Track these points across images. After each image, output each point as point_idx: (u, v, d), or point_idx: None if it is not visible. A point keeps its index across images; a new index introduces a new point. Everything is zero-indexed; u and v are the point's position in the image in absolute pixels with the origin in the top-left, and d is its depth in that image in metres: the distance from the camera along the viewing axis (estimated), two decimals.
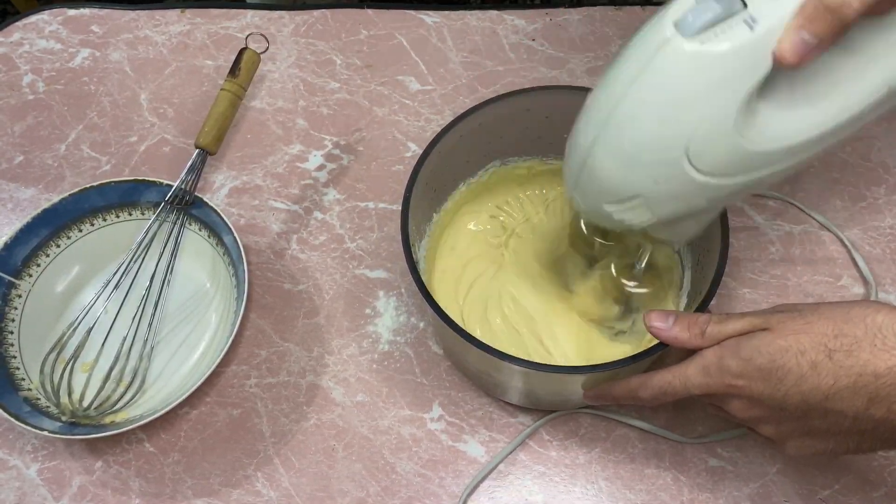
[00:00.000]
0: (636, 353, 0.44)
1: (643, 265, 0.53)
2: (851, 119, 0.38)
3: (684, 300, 0.53)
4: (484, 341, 0.44)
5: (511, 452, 0.54)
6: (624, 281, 0.55)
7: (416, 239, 0.52)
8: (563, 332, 0.55)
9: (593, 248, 0.55)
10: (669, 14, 0.35)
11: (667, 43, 0.35)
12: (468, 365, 0.53)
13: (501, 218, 0.60)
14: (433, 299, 0.46)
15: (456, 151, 0.54)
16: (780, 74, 0.35)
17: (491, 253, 0.59)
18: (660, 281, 0.55)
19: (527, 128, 0.56)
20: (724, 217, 0.47)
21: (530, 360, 0.44)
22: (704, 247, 0.50)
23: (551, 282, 0.57)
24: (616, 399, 0.47)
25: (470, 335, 0.44)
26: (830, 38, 0.34)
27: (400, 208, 0.64)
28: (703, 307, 0.45)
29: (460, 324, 0.47)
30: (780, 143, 0.37)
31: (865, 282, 0.59)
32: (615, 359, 0.44)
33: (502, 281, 0.57)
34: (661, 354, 0.45)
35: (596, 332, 0.55)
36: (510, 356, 0.44)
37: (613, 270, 0.55)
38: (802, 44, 0.33)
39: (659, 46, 0.35)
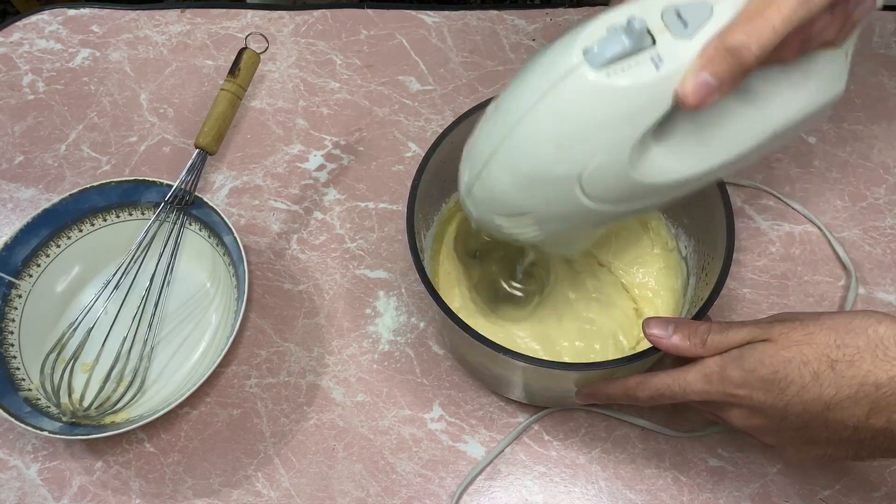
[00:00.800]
0: (638, 352, 0.44)
1: (522, 270, 0.54)
2: (737, 159, 0.39)
3: (687, 306, 0.53)
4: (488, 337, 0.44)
5: (507, 447, 0.54)
6: (502, 281, 0.56)
7: (421, 229, 0.52)
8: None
9: (476, 241, 0.57)
10: (580, 40, 0.35)
11: (573, 70, 0.35)
12: (473, 361, 0.53)
13: None
14: (437, 292, 0.46)
15: (460, 151, 0.54)
16: (677, 113, 0.36)
17: (495, 248, 0.59)
18: (534, 285, 0.56)
19: None
20: (730, 229, 0.47)
21: (534, 356, 0.44)
22: (709, 254, 0.50)
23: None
24: (611, 398, 0.47)
25: (475, 331, 0.44)
26: (731, 81, 0.34)
27: (401, 208, 0.64)
28: (703, 311, 0.45)
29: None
30: (670, 177, 0.38)
31: (847, 272, 0.59)
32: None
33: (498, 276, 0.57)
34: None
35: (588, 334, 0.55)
36: (512, 351, 0.44)
37: (493, 265, 0.56)
38: (705, 85, 0.34)
39: (565, 72, 0.35)
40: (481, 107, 0.52)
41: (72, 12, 0.76)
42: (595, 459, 0.54)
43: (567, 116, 0.36)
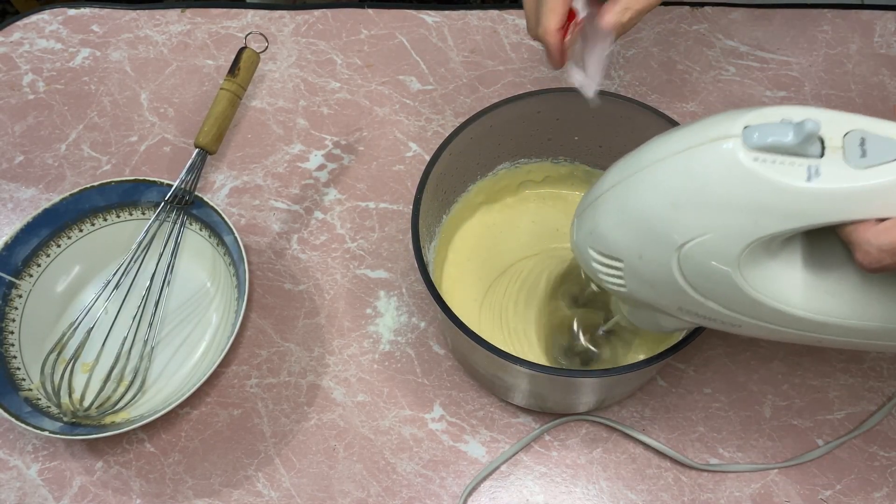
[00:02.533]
0: (648, 357, 0.44)
1: (605, 330, 0.53)
2: (856, 329, 0.36)
3: None
4: (493, 343, 0.44)
5: (518, 452, 0.54)
6: (582, 338, 0.54)
7: (426, 240, 0.52)
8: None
9: (582, 290, 0.55)
10: (748, 115, 0.33)
11: (724, 138, 0.33)
12: (476, 366, 0.53)
13: (511, 219, 0.60)
14: (443, 300, 0.46)
15: (467, 153, 0.54)
16: (813, 246, 0.34)
17: (500, 255, 0.59)
18: (612, 351, 0.55)
19: (537, 130, 0.56)
20: None
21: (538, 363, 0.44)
22: None
23: (549, 294, 0.57)
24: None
25: (481, 338, 0.44)
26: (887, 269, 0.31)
27: (401, 208, 0.64)
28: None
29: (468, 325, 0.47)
30: (772, 304, 0.36)
31: None
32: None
33: (508, 283, 0.57)
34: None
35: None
36: (519, 359, 0.44)
37: (576, 323, 0.55)
38: (876, 256, 0.31)
39: (716, 138, 0.34)
40: (481, 114, 0.51)
41: (72, 12, 0.76)
42: (596, 460, 0.54)
43: (695, 179, 0.34)
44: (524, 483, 0.53)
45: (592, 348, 0.54)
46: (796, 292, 0.36)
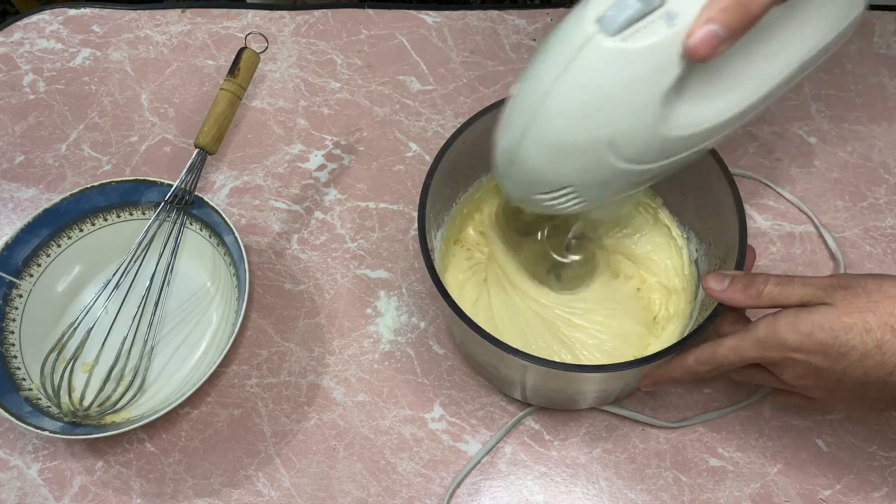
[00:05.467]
0: (650, 354, 0.44)
1: (572, 238, 0.55)
2: (765, 96, 0.39)
3: (697, 308, 0.53)
4: (495, 335, 0.44)
5: (498, 442, 0.54)
6: (555, 255, 0.56)
7: (432, 227, 0.52)
8: (578, 327, 0.55)
9: (521, 219, 0.57)
10: (590, 10, 0.36)
11: (589, 40, 0.35)
12: (481, 361, 0.53)
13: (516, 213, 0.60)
14: (445, 290, 0.46)
15: (479, 143, 0.53)
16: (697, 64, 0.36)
17: (505, 248, 0.59)
18: (588, 250, 0.56)
19: None
20: (742, 234, 0.47)
21: (543, 357, 0.44)
22: (721, 257, 0.50)
23: (535, 273, 0.57)
24: (674, 379, 0.48)
25: (486, 332, 0.44)
26: (740, 30, 0.34)
27: (401, 208, 0.64)
28: (713, 315, 0.45)
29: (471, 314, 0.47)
30: (700, 126, 0.38)
31: (835, 259, 0.59)
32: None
33: (499, 278, 0.57)
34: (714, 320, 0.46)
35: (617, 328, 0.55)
36: (521, 352, 0.44)
37: (545, 244, 0.56)
38: (714, 36, 0.34)
39: (581, 44, 0.36)
40: (495, 106, 0.51)
41: (72, 12, 0.76)
42: (596, 459, 0.54)
43: (590, 86, 0.36)
44: (524, 483, 0.53)
45: (573, 257, 0.56)
46: (704, 108, 0.38)
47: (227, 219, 0.57)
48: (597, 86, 0.36)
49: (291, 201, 0.65)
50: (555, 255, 0.56)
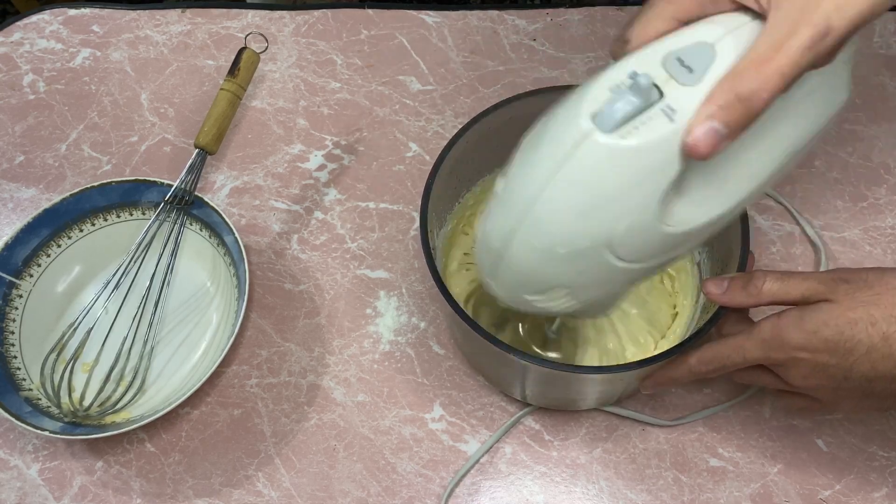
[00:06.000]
0: (652, 355, 0.44)
1: (555, 330, 0.54)
2: (759, 188, 0.38)
3: (699, 311, 0.53)
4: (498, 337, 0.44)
5: (495, 443, 0.54)
6: (533, 346, 0.55)
7: (434, 226, 0.52)
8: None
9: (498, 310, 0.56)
10: (585, 106, 0.34)
11: (585, 138, 0.33)
12: (481, 362, 0.53)
13: None
14: (447, 288, 0.46)
15: (483, 143, 0.53)
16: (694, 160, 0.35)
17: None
18: (573, 343, 0.55)
19: None
20: (744, 236, 0.47)
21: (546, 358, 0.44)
22: (723, 260, 0.50)
23: None
24: (677, 380, 0.48)
25: (486, 331, 0.45)
26: (741, 128, 0.33)
27: (401, 208, 0.64)
28: (715, 318, 0.45)
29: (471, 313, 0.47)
30: (699, 221, 0.37)
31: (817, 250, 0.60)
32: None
33: None
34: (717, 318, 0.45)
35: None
36: (523, 353, 0.44)
37: (520, 331, 0.55)
38: (714, 134, 0.33)
39: (577, 142, 0.34)
40: (500, 106, 0.51)
41: (72, 12, 0.76)
42: (596, 459, 0.54)
43: (587, 185, 0.34)
44: (524, 483, 0.53)
45: (551, 354, 0.55)
46: (701, 204, 0.37)
47: (227, 219, 0.57)
48: (594, 185, 0.34)
49: (291, 201, 0.65)
50: (536, 349, 0.55)
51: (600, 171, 0.34)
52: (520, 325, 0.56)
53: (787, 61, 0.32)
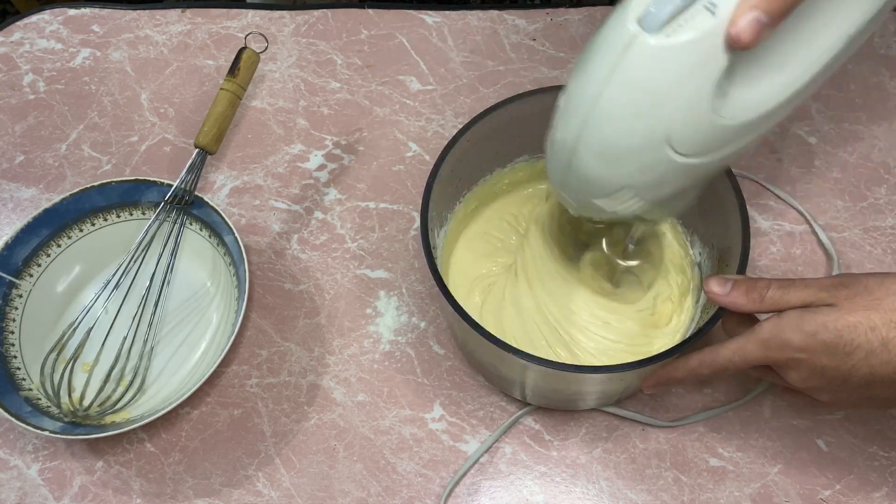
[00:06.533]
0: (652, 355, 0.44)
1: (635, 243, 0.54)
2: (818, 74, 0.39)
3: (699, 311, 0.53)
4: (498, 335, 0.44)
5: (494, 443, 0.54)
6: (618, 260, 0.56)
7: (435, 224, 0.52)
8: (581, 328, 0.55)
9: (581, 230, 0.56)
10: (630, 10, 0.35)
11: (633, 41, 0.35)
12: (481, 360, 0.53)
13: (522, 211, 0.60)
14: (447, 288, 0.46)
15: (484, 142, 0.54)
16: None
17: (509, 246, 0.59)
18: (651, 254, 0.56)
19: None
20: (745, 242, 0.47)
21: (545, 357, 0.44)
22: (724, 261, 0.50)
23: (563, 270, 0.57)
24: (677, 380, 0.48)
25: (487, 331, 0.45)
26: (784, 14, 0.34)
27: (401, 208, 0.64)
28: (715, 318, 0.45)
29: (473, 314, 0.47)
30: (756, 111, 0.38)
31: (830, 257, 0.60)
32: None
33: (519, 272, 0.57)
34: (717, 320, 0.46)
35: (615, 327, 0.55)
36: (521, 352, 0.44)
37: (605, 247, 0.56)
38: (757, 23, 0.34)
39: (626, 45, 0.35)
40: (501, 105, 0.51)
41: (72, 12, 0.76)
42: (596, 459, 0.54)
43: (640, 86, 0.36)
44: (524, 483, 0.53)
45: (633, 263, 0.55)
46: (758, 92, 0.38)
47: (227, 219, 0.57)
48: (647, 85, 0.36)
49: (291, 201, 0.65)
50: (619, 262, 0.55)
51: (651, 70, 0.35)
52: (603, 241, 0.56)
53: None
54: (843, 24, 0.38)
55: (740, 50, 0.34)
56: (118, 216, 0.61)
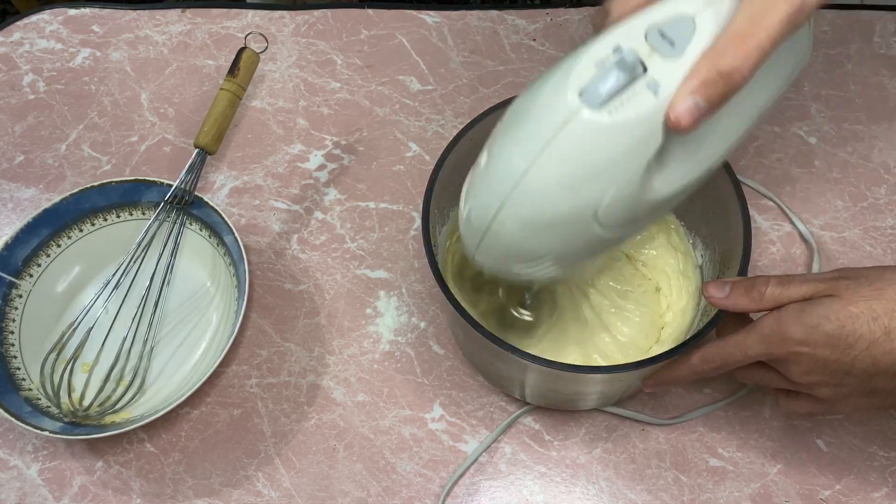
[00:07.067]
0: (653, 355, 0.44)
1: (532, 297, 0.55)
2: (731, 149, 0.40)
3: (700, 315, 0.53)
4: (498, 335, 0.44)
5: (492, 442, 0.54)
6: (513, 311, 0.56)
7: (437, 222, 0.52)
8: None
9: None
10: (571, 82, 0.35)
11: (574, 115, 0.34)
12: (481, 360, 0.53)
13: None
14: (447, 286, 0.46)
15: (485, 141, 0.53)
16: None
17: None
18: (548, 307, 0.56)
19: None
20: (746, 244, 0.47)
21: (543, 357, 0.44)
22: (725, 263, 0.50)
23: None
24: (678, 379, 0.48)
25: (487, 330, 0.44)
26: (723, 102, 0.34)
27: (401, 208, 0.64)
28: (715, 320, 0.45)
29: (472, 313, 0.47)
30: (677, 185, 0.38)
31: (815, 250, 0.60)
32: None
33: None
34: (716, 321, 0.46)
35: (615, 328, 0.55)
36: (524, 352, 0.44)
37: (501, 296, 0.56)
38: (697, 109, 0.34)
39: (565, 119, 0.35)
40: (501, 105, 0.51)
41: (72, 12, 0.76)
42: (596, 459, 0.54)
43: (576, 161, 0.35)
44: (524, 483, 0.53)
45: (527, 317, 0.55)
46: (679, 169, 0.38)
47: (226, 219, 0.57)
48: (583, 160, 0.35)
49: (291, 201, 0.65)
50: (513, 312, 0.56)
51: (589, 146, 0.35)
52: (499, 289, 0.56)
53: (766, 36, 0.33)
54: (759, 101, 0.39)
55: (678, 133, 0.35)
56: (118, 216, 0.61)
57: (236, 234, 0.56)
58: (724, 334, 0.46)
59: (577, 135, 0.35)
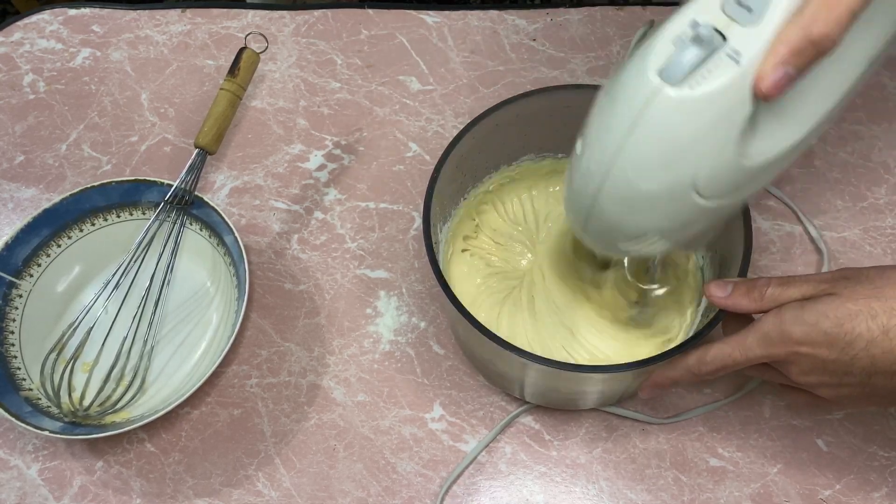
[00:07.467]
0: (656, 354, 0.44)
1: (657, 267, 0.54)
2: (833, 110, 0.39)
3: (700, 315, 0.53)
4: (499, 335, 0.44)
5: (490, 441, 0.54)
6: (640, 285, 0.55)
7: (438, 220, 0.52)
8: (587, 328, 0.55)
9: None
10: (650, 63, 0.35)
11: (656, 94, 0.35)
12: (482, 359, 0.53)
13: (527, 211, 0.60)
14: (447, 285, 0.46)
15: (489, 140, 0.54)
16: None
17: (514, 246, 0.59)
18: (676, 279, 0.55)
19: (564, 125, 0.55)
20: (747, 245, 0.47)
21: (544, 357, 0.44)
22: (725, 265, 0.50)
23: (574, 277, 0.56)
24: (676, 381, 0.47)
25: (487, 329, 0.45)
26: (810, 68, 0.34)
27: (401, 208, 0.65)
28: (716, 320, 0.45)
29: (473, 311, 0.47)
30: (779, 148, 0.38)
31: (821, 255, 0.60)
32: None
33: (528, 273, 0.57)
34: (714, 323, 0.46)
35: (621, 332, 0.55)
36: (521, 350, 0.44)
37: (627, 274, 0.55)
38: (785, 77, 0.34)
39: (648, 98, 0.35)
40: (505, 104, 0.51)
41: (72, 12, 0.76)
42: (596, 459, 0.54)
43: (664, 138, 0.36)
44: (524, 483, 0.53)
45: (656, 288, 0.55)
46: (780, 132, 0.38)
47: (226, 219, 0.57)
48: (672, 136, 0.36)
49: (291, 201, 0.65)
50: (641, 286, 0.55)
51: (676, 122, 0.35)
52: (624, 263, 0.56)
53: None
54: (857, 60, 0.39)
55: (768, 101, 0.34)
56: (118, 216, 0.61)
57: (236, 234, 0.56)
58: (724, 335, 0.46)
59: (660, 112, 0.35)
